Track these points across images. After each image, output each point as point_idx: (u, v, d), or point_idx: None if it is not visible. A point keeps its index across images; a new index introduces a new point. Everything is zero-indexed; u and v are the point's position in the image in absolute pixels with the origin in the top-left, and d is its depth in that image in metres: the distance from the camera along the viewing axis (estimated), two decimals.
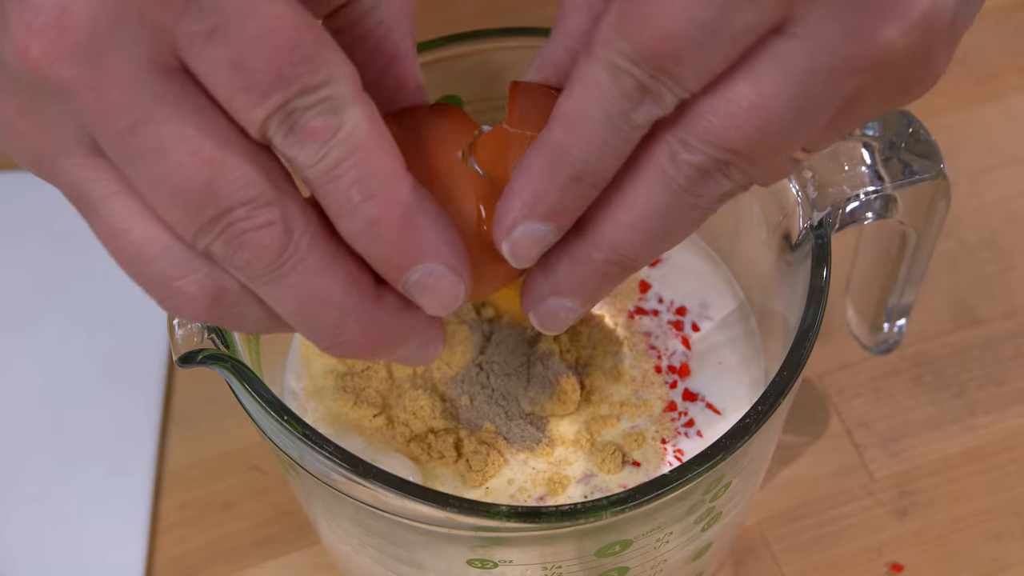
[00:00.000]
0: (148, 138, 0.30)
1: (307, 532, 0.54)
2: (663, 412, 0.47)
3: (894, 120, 0.44)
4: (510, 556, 0.41)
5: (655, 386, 0.48)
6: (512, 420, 0.46)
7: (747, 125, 0.32)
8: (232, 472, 0.56)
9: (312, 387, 0.48)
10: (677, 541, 0.43)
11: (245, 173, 0.31)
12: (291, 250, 0.32)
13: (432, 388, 0.46)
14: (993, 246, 0.61)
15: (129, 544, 0.54)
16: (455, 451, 0.45)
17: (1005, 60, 0.66)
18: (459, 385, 0.46)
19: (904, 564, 0.53)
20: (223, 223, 0.31)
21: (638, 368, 0.48)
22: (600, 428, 0.46)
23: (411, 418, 0.46)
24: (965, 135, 0.64)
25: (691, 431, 0.47)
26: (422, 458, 0.45)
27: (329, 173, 0.31)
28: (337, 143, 0.31)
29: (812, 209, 0.43)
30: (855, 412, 0.57)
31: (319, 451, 0.38)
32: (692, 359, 0.48)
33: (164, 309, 0.34)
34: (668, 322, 0.49)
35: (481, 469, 0.45)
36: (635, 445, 0.46)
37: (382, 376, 0.47)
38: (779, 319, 0.46)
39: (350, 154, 0.31)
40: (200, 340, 0.40)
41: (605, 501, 0.38)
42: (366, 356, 0.35)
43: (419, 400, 0.46)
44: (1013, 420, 0.57)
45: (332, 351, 0.34)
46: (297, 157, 0.31)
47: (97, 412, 0.57)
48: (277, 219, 0.31)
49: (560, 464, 0.46)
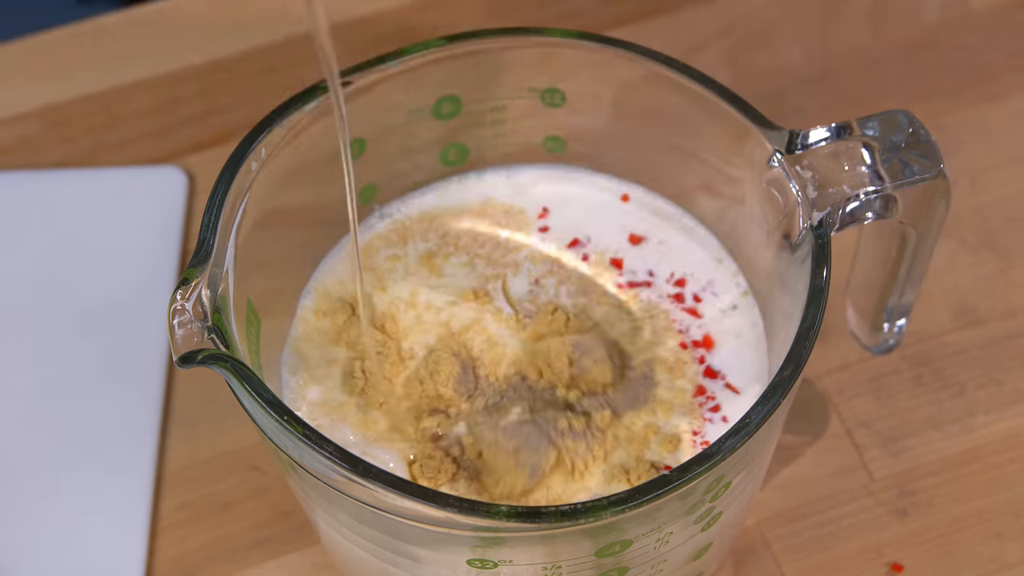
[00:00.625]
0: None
1: (307, 532, 0.54)
2: (693, 397, 0.47)
3: (894, 120, 0.44)
4: (510, 556, 0.41)
5: (687, 365, 0.48)
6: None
7: None
8: (232, 472, 0.56)
9: (309, 379, 0.48)
10: (677, 541, 0.43)
11: None
12: None
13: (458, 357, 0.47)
14: (993, 246, 0.61)
15: (129, 544, 0.54)
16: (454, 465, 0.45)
17: (1005, 60, 0.66)
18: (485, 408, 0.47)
19: (904, 564, 0.53)
20: None
21: (665, 346, 0.48)
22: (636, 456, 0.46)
23: (427, 377, 0.46)
24: (965, 135, 0.64)
25: (716, 416, 0.47)
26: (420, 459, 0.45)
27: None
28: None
29: (812, 209, 0.43)
30: (855, 412, 0.57)
31: (319, 451, 0.38)
32: (710, 331, 0.48)
33: None
34: (668, 295, 0.49)
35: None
36: (671, 448, 0.46)
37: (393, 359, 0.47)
38: (779, 319, 0.46)
39: None
40: (200, 340, 0.39)
41: (605, 501, 0.38)
42: None
43: (441, 362, 0.46)
44: (1013, 420, 0.57)
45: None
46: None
47: (97, 412, 0.57)
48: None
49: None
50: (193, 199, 0.63)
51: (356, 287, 0.48)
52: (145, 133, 0.65)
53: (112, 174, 0.64)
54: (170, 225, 0.62)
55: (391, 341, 0.48)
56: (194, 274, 0.40)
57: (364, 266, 0.49)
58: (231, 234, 0.42)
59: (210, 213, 0.42)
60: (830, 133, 0.44)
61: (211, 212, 0.42)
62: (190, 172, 0.64)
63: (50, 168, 0.64)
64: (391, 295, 0.49)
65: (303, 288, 0.49)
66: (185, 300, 0.40)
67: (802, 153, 0.44)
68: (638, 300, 0.49)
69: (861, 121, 0.44)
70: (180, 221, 0.62)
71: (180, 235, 0.62)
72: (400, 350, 0.48)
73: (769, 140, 0.44)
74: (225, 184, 0.42)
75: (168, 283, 0.60)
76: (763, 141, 0.44)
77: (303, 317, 0.49)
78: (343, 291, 0.49)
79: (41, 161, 0.65)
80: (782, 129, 0.44)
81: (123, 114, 0.66)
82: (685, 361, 0.48)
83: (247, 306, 0.44)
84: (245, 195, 0.43)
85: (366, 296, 0.49)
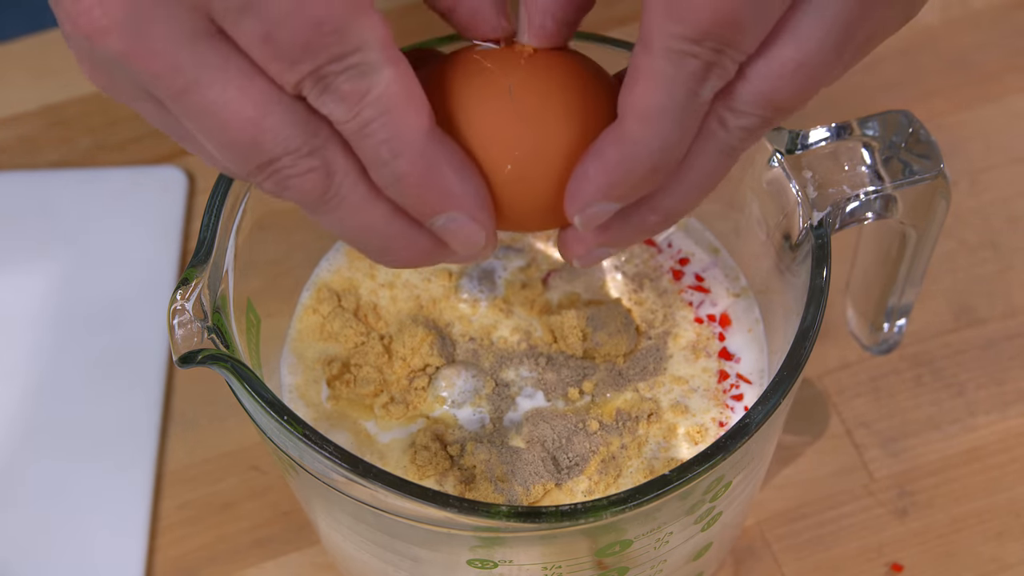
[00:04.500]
0: (197, 99, 0.33)
1: (307, 532, 0.54)
2: (717, 384, 0.47)
3: (894, 120, 0.44)
4: (510, 556, 0.41)
5: (708, 340, 0.48)
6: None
7: (794, 83, 0.34)
8: (232, 472, 0.56)
9: (306, 379, 0.48)
10: (677, 541, 0.43)
11: (285, 128, 0.33)
12: (333, 191, 0.35)
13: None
14: (993, 246, 0.61)
15: (129, 544, 0.54)
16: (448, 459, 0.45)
17: (1005, 60, 0.66)
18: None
19: (904, 564, 0.53)
20: (269, 170, 0.34)
21: (677, 313, 0.48)
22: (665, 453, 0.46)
23: (409, 353, 0.46)
24: (965, 135, 0.64)
25: (739, 405, 0.47)
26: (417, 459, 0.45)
27: (360, 131, 0.34)
28: (367, 105, 0.33)
29: (812, 209, 0.43)
30: (855, 412, 0.57)
31: (319, 451, 0.38)
32: (728, 311, 0.48)
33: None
34: (671, 269, 0.49)
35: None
36: (699, 439, 0.46)
37: (378, 350, 0.47)
38: (779, 318, 0.46)
39: (379, 115, 0.33)
40: (200, 340, 0.39)
41: (605, 501, 0.38)
42: (420, 266, 0.38)
43: (418, 335, 0.46)
44: (1013, 420, 0.57)
45: (386, 265, 0.38)
46: (332, 114, 0.33)
47: (97, 412, 0.57)
48: (318, 166, 0.34)
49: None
50: (193, 199, 0.63)
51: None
52: (145, 133, 0.65)
53: (112, 174, 0.64)
54: (170, 225, 0.62)
55: (373, 331, 0.48)
56: (194, 274, 0.40)
57: (355, 256, 0.50)
58: (231, 234, 0.42)
59: (210, 213, 0.42)
60: (830, 133, 0.44)
61: (211, 212, 0.42)
62: (190, 172, 0.64)
63: (50, 168, 0.64)
64: (377, 282, 0.49)
65: (303, 288, 0.49)
66: (185, 300, 0.40)
67: (802, 153, 0.44)
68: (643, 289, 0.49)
69: (861, 121, 0.44)
70: (180, 221, 0.62)
71: (180, 235, 0.62)
72: (382, 336, 0.48)
73: (769, 140, 0.44)
74: (225, 184, 0.42)
75: (168, 283, 0.60)
76: (763, 141, 0.44)
77: (300, 316, 0.49)
78: (338, 285, 0.49)
79: (41, 161, 0.65)
80: (782, 129, 0.44)
81: (123, 114, 0.66)
82: (707, 336, 0.48)
83: (247, 306, 0.44)
84: (245, 195, 0.43)
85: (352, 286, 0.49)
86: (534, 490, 0.44)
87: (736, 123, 0.34)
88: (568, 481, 0.44)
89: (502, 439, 0.45)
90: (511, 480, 0.44)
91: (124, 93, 0.35)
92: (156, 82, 0.33)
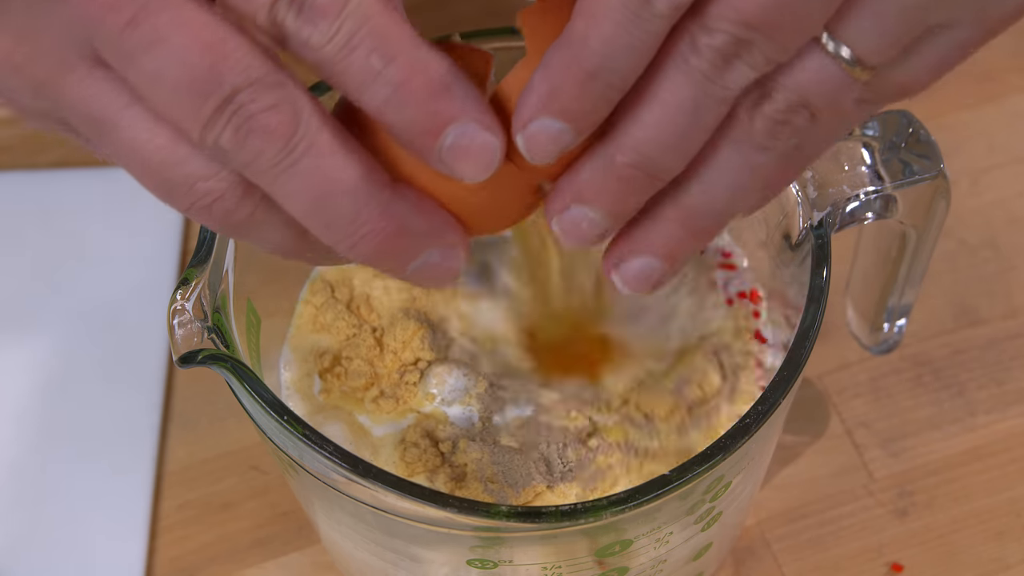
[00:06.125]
0: (147, 30, 0.31)
1: (307, 532, 0.54)
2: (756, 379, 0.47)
3: (894, 120, 0.44)
4: (510, 556, 0.41)
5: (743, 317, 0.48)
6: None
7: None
8: (232, 472, 0.56)
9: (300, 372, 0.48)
10: (677, 541, 0.43)
11: (247, 54, 0.31)
12: (302, 131, 0.32)
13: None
14: (993, 246, 0.61)
15: (129, 544, 0.54)
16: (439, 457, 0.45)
17: (1005, 60, 0.66)
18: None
19: (904, 564, 0.53)
20: (230, 109, 0.31)
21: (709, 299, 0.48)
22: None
23: (400, 347, 0.46)
24: (965, 135, 0.64)
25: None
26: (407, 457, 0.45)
27: (346, 46, 0.31)
28: (348, 15, 0.31)
29: (812, 209, 0.43)
30: (855, 412, 0.57)
31: (319, 451, 0.38)
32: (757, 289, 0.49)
33: (193, 217, 0.34)
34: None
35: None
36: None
37: (370, 343, 0.47)
38: (779, 318, 0.46)
39: (363, 23, 0.31)
40: (200, 340, 0.39)
41: (605, 501, 0.38)
42: (387, 261, 0.34)
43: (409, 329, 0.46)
44: (1013, 420, 0.57)
45: (352, 252, 0.34)
46: (312, 37, 0.31)
47: (97, 412, 0.57)
48: (284, 100, 0.32)
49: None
50: None
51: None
52: None
53: (112, 174, 0.64)
54: (170, 225, 0.62)
55: (365, 323, 0.48)
56: (194, 274, 0.40)
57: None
58: None
59: None
60: None
61: None
62: None
63: (50, 168, 0.64)
64: (371, 271, 0.49)
65: (302, 287, 0.49)
66: (185, 300, 0.40)
67: None
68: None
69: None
70: (180, 221, 0.62)
71: (180, 235, 0.61)
72: (374, 329, 0.48)
73: None
74: None
75: (168, 283, 0.60)
76: None
77: (299, 313, 0.49)
78: (332, 275, 0.49)
79: (41, 161, 0.65)
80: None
81: None
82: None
83: (247, 306, 0.44)
84: None
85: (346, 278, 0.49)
86: (524, 493, 0.44)
87: (705, 41, 0.31)
88: (560, 485, 0.44)
89: (493, 438, 0.45)
90: (501, 480, 0.44)
91: (52, 58, 0.32)
92: (101, 18, 0.31)
